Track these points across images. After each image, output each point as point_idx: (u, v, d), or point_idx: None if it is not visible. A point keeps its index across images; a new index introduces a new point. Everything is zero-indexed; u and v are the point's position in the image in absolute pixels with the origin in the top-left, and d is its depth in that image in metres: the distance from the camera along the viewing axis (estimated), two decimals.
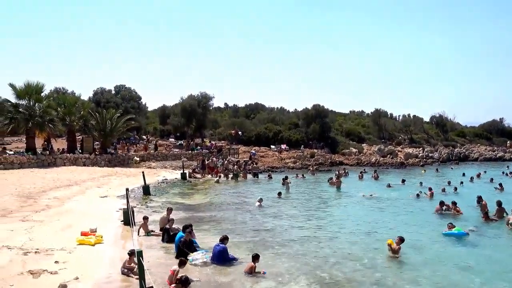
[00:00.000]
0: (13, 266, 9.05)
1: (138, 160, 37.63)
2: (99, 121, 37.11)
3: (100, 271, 9.39)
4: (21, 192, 19.24)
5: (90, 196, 20.01)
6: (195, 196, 23.12)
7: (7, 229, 12.26)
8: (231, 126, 55.12)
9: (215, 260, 10.60)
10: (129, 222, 13.69)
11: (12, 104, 32.55)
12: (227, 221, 16.21)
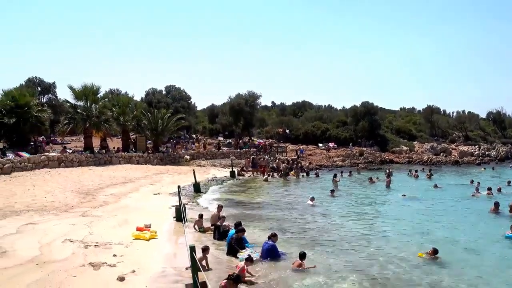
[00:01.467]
0: (76, 258, 9.50)
1: (188, 158, 38.52)
2: (151, 121, 38.37)
3: (155, 265, 9.62)
4: (81, 189, 20.25)
5: (144, 193, 20.71)
6: (244, 193, 23.28)
7: (69, 223, 12.94)
8: (279, 124, 55.13)
9: (264, 257, 10.58)
10: (181, 219, 14.01)
11: (71, 105, 34.41)
12: (277, 219, 16.16)
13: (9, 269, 8.44)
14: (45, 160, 28.06)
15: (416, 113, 74.26)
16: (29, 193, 17.94)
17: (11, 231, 11.50)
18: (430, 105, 61.63)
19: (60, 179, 23.10)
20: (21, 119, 29.52)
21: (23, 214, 13.88)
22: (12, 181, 21.31)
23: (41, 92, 53.41)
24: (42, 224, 12.60)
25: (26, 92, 33.25)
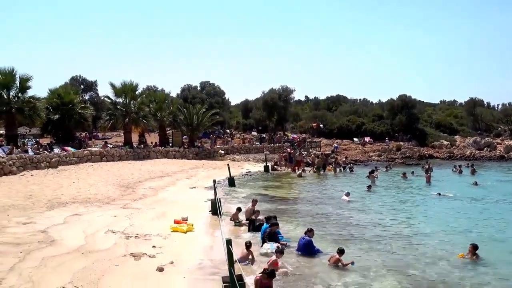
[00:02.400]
0: (117, 248, 10.00)
1: (223, 153, 39.06)
2: (187, 116, 39.17)
3: (192, 257, 9.95)
4: (121, 182, 21.07)
5: (181, 187, 21.28)
6: (278, 188, 23.41)
7: (111, 215, 13.56)
8: (312, 118, 54.78)
9: (300, 252, 10.69)
10: (216, 212, 14.33)
11: (112, 102, 35.71)
12: (311, 214, 16.15)
13: (57, 257, 9.01)
14: (88, 154, 29.33)
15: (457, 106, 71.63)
16: (74, 186, 18.88)
17: (58, 221, 12.21)
18: (473, 98, 59.20)
19: (102, 173, 24.12)
20: (66, 115, 31.03)
21: (69, 206, 14.66)
22: (59, 174, 22.46)
23: (84, 90, 55.74)
24: (86, 215, 13.28)
25: (70, 90, 34.91)
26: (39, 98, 29.11)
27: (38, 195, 16.12)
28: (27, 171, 22.45)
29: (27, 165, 23.14)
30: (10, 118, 26.97)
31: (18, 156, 22.89)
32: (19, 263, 8.39)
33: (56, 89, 33.55)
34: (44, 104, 29.92)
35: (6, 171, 21.07)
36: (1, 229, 10.90)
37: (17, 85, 27.35)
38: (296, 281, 8.93)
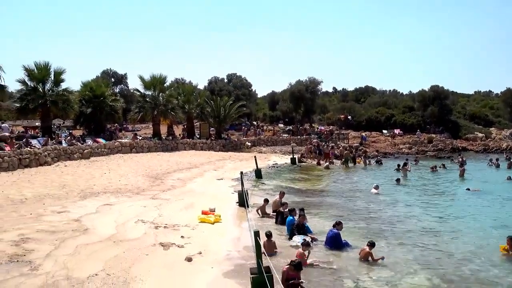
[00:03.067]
0: (147, 238, 10.20)
1: (249, 145, 39.15)
2: (214, 108, 39.44)
3: (220, 248, 10.04)
4: (150, 173, 21.47)
5: (208, 178, 21.49)
6: (305, 180, 23.29)
7: (141, 205, 13.83)
8: (340, 110, 54.07)
9: (328, 245, 10.60)
10: (244, 204, 14.41)
11: (141, 94, 36.37)
12: (339, 207, 16.01)
13: (90, 245, 9.28)
14: (118, 146, 30.04)
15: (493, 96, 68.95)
16: (105, 176, 19.38)
17: (91, 210, 12.56)
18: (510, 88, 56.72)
19: (132, 164, 24.65)
20: (98, 108, 31.84)
21: (101, 196, 15.06)
22: (91, 165, 23.10)
23: (114, 83, 56.92)
24: (117, 205, 13.59)
25: (101, 83, 35.78)
26: (72, 91, 29.93)
27: (71, 185, 16.63)
28: (61, 162, 23.21)
29: (61, 156, 23.92)
30: (45, 111, 27.87)
31: (53, 147, 23.68)
32: (54, 250, 8.69)
33: (88, 83, 34.49)
34: (77, 97, 30.75)
35: (41, 161, 21.85)
36: (38, 218, 11.31)
37: (51, 79, 28.18)
38: (324, 274, 8.86)
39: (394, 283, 8.42)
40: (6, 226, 10.26)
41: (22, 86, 27.87)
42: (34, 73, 27.53)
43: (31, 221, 10.84)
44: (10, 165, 19.72)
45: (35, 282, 7.09)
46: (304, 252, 9.09)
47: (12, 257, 8.15)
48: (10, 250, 8.49)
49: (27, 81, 27.77)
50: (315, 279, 8.53)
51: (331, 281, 8.51)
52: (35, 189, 15.41)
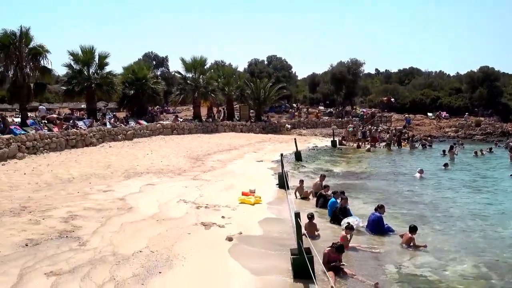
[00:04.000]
0: (189, 217, 10.34)
1: (289, 127, 38.90)
2: (254, 91, 39.34)
3: (260, 229, 10.02)
4: (191, 155, 21.79)
5: (248, 160, 21.54)
6: (346, 163, 22.88)
7: (182, 185, 14.05)
8: (383, 92, 52.45)
9: (369, 229, 10.34)
10: (284, 186, 14.33)
11: (182, 77, 36.83)
12: (381, 191, 15.58)
13: (135, 223, 9.53)
14: (160, 128, 30.69)
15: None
16: (148, 157, 19.85)
17: (135, 190, 12.90)
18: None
19: (173, 145, 25.12)
20: (140, 90, 32.54)
21: (144, 176, 15.43)
22: (134, 146, 23.75)
23: (155, 66, 57.95)
24: (160, 185, 13.88)
25: (143, 66, 36.44)
26: (115, 74, 30.73)
27: (115, 165, 17.16)
28: (106, 143, 24.02)
29: (106, 137, 24.75)
30: (90, 93, 28.80)
31: (98, 129, 24.52)
32: (101, 227, 8.99)
33: (131, 66, 35.26)
34: (120, 80, 31.53)
35: (87, 142, 22.70)
36: (85, 196, 11.74)
37: (96, 62, 29.02)
38: (366, 259, 8.66)
39: (438, 270, 8.08)
40: (55, 203, 10.72)
41: (68, 70, 28.91)
42: (79, 57, 28.41)
43: (79, 199, 11.27)
44: (58, 146, 20.61)
45: (84, 257, 7.35)
46: (347, 235, 8.92)
47: (61, 233, 8.50)
48: (60, 226, 8.86)
49: (73, 65, 28.74)
50: (357, 263, 8.35)
51: (373, 265, 8.29)
52: (82, 169, 16.02)
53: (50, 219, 9.32)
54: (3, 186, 12.62)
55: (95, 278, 6.57)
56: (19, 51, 20.49)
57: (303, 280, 6.97)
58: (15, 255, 7.19)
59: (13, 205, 10.38)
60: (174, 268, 7.26)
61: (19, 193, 11.76)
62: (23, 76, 20.86)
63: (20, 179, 13.67)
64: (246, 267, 7.62)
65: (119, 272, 6.85)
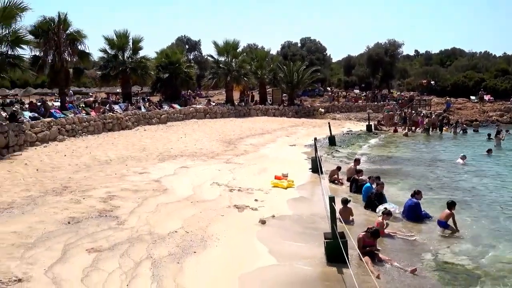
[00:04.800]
0: (222, 200, 10.46)
1: (323, 111, 38.39)
2: (287, 74, 38.88)
3: (293, 212, 10.00)
4: (224, 138, 21.94)
5: (280, 144, 21.47)
6: (382, 148, 22.40)
7: (216, 168, 14.20)
8: (422, 75, 50.57)
9: (406, 215, 10.09)
10: (317, 170, 14.19)
11: (214, 60, 36.91)
12: (418, 176, 15.12)
13: (170, 204, 9.73)
14: (193, 111, 31.06)
15: None
16: (181, 141, 20.16)
17: (169, 172, 13.15)
18: None
19: (206, 129, 25.38)
20: (173, 74, 32.90)
21: (178, 159, 15.70)
22: (168, 130, 24.18)
23: (188, 50, 58.35)
24: (193, 168, 14.09)
25: (176, 50, 36.76)
26: (149, 59, 31.18)
27: (150, 148, 17.55)
28: (141, 126, 24.60)
29: (141, 120, 25.34)
30: (125, 78, 29.41)
31: (133, 113, 25.11)
32: (137, 208, 9.25)
33: (164, 50, 35.65)
34: (154, 64, 31.96)
35: (123, 125, 23.31)
36: (122, 177, 12.09)
37: (130, 47, 29.50)
38: (402, 246, 8.49)
39: (476, 258, 7.82)
40: (95, 184, 11.10)
41: (104, 55, 29.56)
42: (114, 41, 28.95)
43: (116, 180, 11.61)
44: (96, 129, 21.29)
45: (122, 235, 7.59)
46: (383, 221, 8.75)
47: (101, 212, 8.80)
48: (99, 206, 9.18)
49: (108, 50, 29.34)
50: (392, 249, 8.20)
51: (409, 253, 8.11)
52: (118, 151, 16.49)
53: (90, 198, 9.67)
54: (46, 167, 13.18)
55: (133, 255, 6.78)
56: (57, 36, 21.10)
57: (336, 265, 6.94)
58: (58, 232, 7.52)
59: (55, 185, 10.84)
60: (208, 248, 7.38)
61: (60, 174, 12.25)
62: (61, 61, 21.53)
63: (61, 161, 14.24)
64: (279, 250, 7.64)
65: (156, 251, 7.03)
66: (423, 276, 6.95)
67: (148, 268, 6.38)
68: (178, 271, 6.40)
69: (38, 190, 10.22)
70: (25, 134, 16.23)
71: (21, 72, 16.89)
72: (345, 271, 6.67)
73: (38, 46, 20.67)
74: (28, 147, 16.24)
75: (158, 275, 6.21)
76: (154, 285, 5.89)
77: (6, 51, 15.58)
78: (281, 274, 6.73)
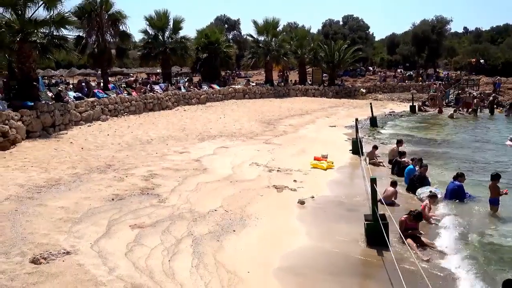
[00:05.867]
0: (261, 180, 10.46)
1: (364, 92, 37.39)
2: (328, 53, 37.94)
3: (332, 194, 9.89)
4: (263, 119, 21.87)
5: (320, 125, 21.16)
6: (426, 130, 21.53)
7: (254, 149, 14.22)
8: (471, 53, 47.91)
9: (449, 198, 9.67)
10: (357, 152, 13.88)
11: (254, 40, 36.58)
12: (464, 159, 14.43)
13: (210, 183, 9.86)
14: (232, 92, 31.10)
15: None
16: (220, 121, 20.28)
17: (209, 152, 13.31)
18: None
19: (245, 109, 25.39)
20: (213, 54, 32.91)
21: (217, 139, 15.83)
22: (207, 110, 24.39)
23: (227, 29, 58.16)
24: (232, 148, 14.18)
25: (216, 29, 36.65)
26: (189, 39, 31.30)
27: (190, 128, 17.78)
28: (180, 106, 24.96)
29: (180, 101, 25.69)
30: (165, 58, 29.73)
31: (173, 93, 25.47)
32: (178, 186, 9.43)
33: (204, 29, 35.65)
34: (194, 44, 32.08)
35: (163, 106, 23.73)
36: (163, 157, 12.35)
37: (170, 27, 29.70)
38: (447, 228, 8.16)
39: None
40: (136, 162, 11.41)
41: (144, 35, 29.95)
42: (154, 21, 29.20)
43: (157, 160, 11.88)
44: (137, 109, 21.80)
45: (163, 212, 7.77)
46: (429, 204, 8.46)
47: (143, 190, 9.04)
48: (141, 184, 9.43)
49: (148, 30, 29.68)
50: (435, 232, 7.94)
51: (453, 235, 7.78)
52: (159, 131, 16.83)
53: (132, 177, 9.95)
54: (90, 145, 13.68)
55: (174, 232, 6.93)
56: (99, 17, 21.56)
57: (375, 247, 6.84)
58: (103, 208, 7.81)
59: (99, 163, 11.23)
60: (247, 227, 7.43)
61: (104, 153, 12.67)
62: (104, 42, 22.01)
63: (104, 140, 14.72)
64: (318, 231, 7.60)
65: (196, 228, 7.16)
66: (469, 258, 6.70)
67: (189, 245, 6.51)
68: (218, 249, 6.51)
69: (83, 168, 10.62)
70: (70, 113, 16.85)
71: (65, 53, 17.40)
72: (385, 253, 6.57)
73: (81, 27, 21.22)
74: (73, 126, 16.88)
75: (199, 251, 6.33)
76: (195, 261, 6.00)
77: (51, 32, 16.03)
78: (320, 254, 6.70)
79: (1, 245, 5.93)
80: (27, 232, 6.44)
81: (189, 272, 5.69)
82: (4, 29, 14.53)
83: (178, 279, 5.48)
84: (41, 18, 15.54)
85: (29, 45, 15.37)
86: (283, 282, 5.75)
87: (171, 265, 5.83)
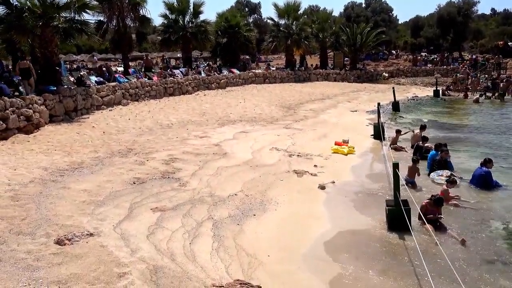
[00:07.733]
0: (281, 164, 10.41)
1: (386, 76, 36.67)
2: (350, 37, 37.19)
3: (353, 179, 9.78)
4: (283, 104, 21.69)
5: (341, 110, 20.89)
6: (450, 115, 21.00)
7: (275, 134, 14.14)
8: (499, 36, 46.24)
9: (474, 184, 9.42)
10: (379, 137, 13.64)
11: (274, 23, 36.10)
12: (490, 145, 13.99)
13: (230, 167, 9.86)
14: (252, 76, 30.92)
15: None
16: (240, 106, 20.21)
17: (229, 137, 13.29)
18: None
19: (265, 94, 25.22)
20: (233, 38, 32.66)
21: (237, 123, 15.79)
22: (227, 95, 24.33)
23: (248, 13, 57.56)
24: (253, 133, 14.13)
25: (236, 13, 36.30)
26: (209, 22, 31.05)
27: (210, 113, 17.79)
28: (201, 91, 24.97)
29: (200, 85, 25.71)
30: (185, 42, 29.68)
31: (193, 78, 25.49)
32: (199, 170, 9.47)
33: (224, 13, 35.37)
34: (214, 28, 31.87)
35: (183, 90, 23.79)
36: (183, 141, 12.40)
37: (190, 11, 29.55)
38: (470, 214, 7.97)
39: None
40: (157, 147, 11.49)
41: (164, 20, 29.88)
42: (174, 6, 29.08)
43: (178, 144, 11.94)
44: (158, 93, 21.92)
45: (184, 196, 7.82)
46: (448, 189, 8.26)
47: (164, 173, 9.11)
48: (162, 168, 9.50)
49: (168, 15, 29.56)
50: (458, 217, 7.75)
51: (476, 220, 7.62)
52: (179, 116, 16.90)
53: (153, 161, 10.03)
54: (112, 130, 13.85)
55: (195, 216, 6.98)
56: (120, 2, 21.57)
57: (397, 232, 6.78)
58: (125, 191, 7.90)
59: (121, 147, 11.36)
60: (267, 212, 7.42)
61: (125, 137, 12.81)
62: (124, 27, 22.07)
63: (125, 124, 14.88)
64: (338, 216, 7.55)
65: (217, 212, 7.20)
66: (491, 244, 6.57)
67: (210, 228, 6.55)
68: (238, 232, 6.53)
69: (105, 152, 10.77)
70: (91, 98, 17.06)
71: (87, 38, 17.52)
72: (406, 238, 6.53)
73: (102, 11, 21.31)
74: (95, 110, 17.12)
75: (219, 235, 6.36)
76: (216, 244, 6.04)
77: (73, 17, 16.16)
78: (341, 238, 6.68)
79: (27, 226, 6.07)
80: (51, 214, 6.57)
81: (209, 255, 5.73)
82: (27, 14, 14.70)
83: (199, 261, 5.52)
84: (63, 2, 15.67)
85: (51, 29, 15.55)
86: (303, 266, 5.75)
87: (192, 248, 5.88)
